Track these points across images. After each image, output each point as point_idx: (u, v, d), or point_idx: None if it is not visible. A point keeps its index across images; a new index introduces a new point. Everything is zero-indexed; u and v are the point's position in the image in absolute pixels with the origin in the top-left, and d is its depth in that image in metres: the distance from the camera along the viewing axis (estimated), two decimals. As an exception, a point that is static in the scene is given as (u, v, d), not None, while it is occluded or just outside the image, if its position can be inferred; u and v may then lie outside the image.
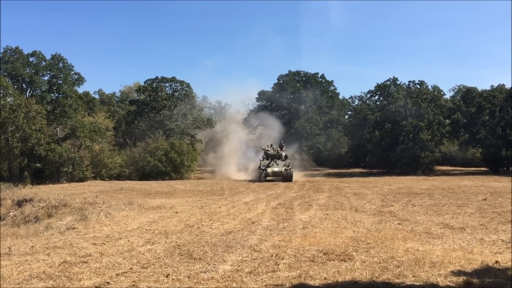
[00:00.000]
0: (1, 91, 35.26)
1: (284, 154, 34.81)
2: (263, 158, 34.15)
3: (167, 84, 56.34)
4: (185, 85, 56.56)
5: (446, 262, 8.27)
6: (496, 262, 8.31)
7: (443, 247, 9.75)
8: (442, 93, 47.77)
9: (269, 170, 32.33)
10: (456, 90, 63.64)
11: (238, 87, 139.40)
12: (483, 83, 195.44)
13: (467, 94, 47.87)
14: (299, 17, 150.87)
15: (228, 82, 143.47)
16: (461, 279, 7.27)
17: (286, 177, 31.98)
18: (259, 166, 33.11)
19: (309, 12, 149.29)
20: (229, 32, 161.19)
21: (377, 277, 7.47)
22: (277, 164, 32.94)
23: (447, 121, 46.09)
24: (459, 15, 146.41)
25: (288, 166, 32.86)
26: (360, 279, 7.39)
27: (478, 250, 9.48)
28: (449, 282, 7.15)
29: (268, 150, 34.76)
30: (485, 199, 18.77)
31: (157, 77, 55.83)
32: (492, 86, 46.68)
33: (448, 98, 53.37)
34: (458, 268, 7.92)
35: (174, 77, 56.12)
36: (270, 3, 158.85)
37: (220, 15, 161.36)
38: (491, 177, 34.06)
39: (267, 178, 32.21)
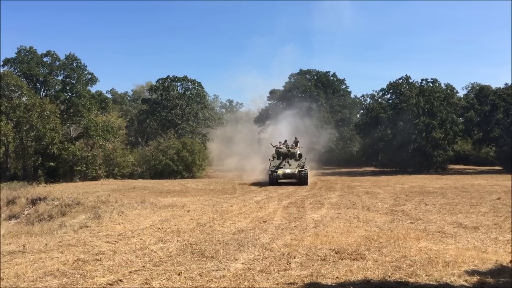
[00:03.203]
0: (16, 90, 35.71)
1: (298, 152, 29.94)
2: (274, 157, 29.50)
3: (179, 83, 56.74)
4: (196, 84, 56.91)
5: (460, 262, 8.19)
6: (511, 261, 8.21)
7: (456, 246, 9.66)
8: (455, 91, 47.35)
9: (280, 172, 27.78)
10: (469, 88, 62.96)
11: (249, 86, 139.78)
12: (497, 81, 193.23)
13: (480, 92, 47.34)
14: (311, 16, 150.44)
15: (239, 81, 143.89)
16: (475, 278, 7.20)
17: (300, 180, 27.64)
18: (269, 168, 28.67)
19: (320, 11, 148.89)
20: (240, 31, 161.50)
21: (389, 276, 7.42)
22: (290, 165, 28.39)
23: (461, 119, 45.67)
24: (471, 12, 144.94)
25: (302, 167, 28.13)
26: (372, 278, 7.35)
27: (492, 249, 9.38)
28: (463, 281, 7.08)
29: (280, 148, 29.97)
30: (499, 198, 18.56)
31: (168, 76, 56.29)
32: (507, 84, 46.16)
33: (462, 96, 52.90)
34: (472, 267, 7.84)
35: (185, 76, 56.56)
36: (281, 3, 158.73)
37: (231, 14, 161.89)
38: (505, 176, 33.61)
39: (279, 181, 27.76)
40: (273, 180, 27.59)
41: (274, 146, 30.54)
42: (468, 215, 14.27)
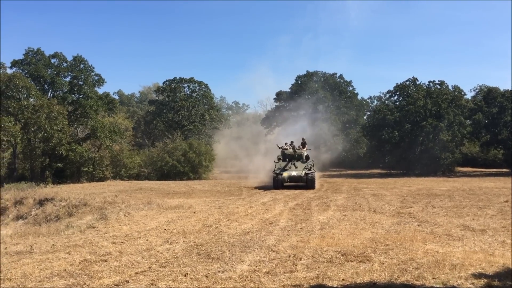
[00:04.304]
0: (24, 92, 35.96)
1: (305, 154, 28.65)
2: (279, 159, 28.42)
3: (186, 85, 56.90)
4: (203, 86, 57.06)
5: (467, 265, 8.15)
6: (519, 265, 8.15)
7: (463, 249, 9.61)
8: (462, 93, 47.10)
9: (285, 174, 26.38)
10: (477, 90, 62.60)
11: (255, 87, 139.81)
12: (505, 83, 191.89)
13: (488, 94, 47.10)
14: (317, 17, 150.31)
15: (246, 83, 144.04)
16: (482, 281, 7.15)
17: (307, 183, 26.11)
18: (274, 170, 27.26)
19: (327, 12, 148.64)
20: (247, 33, 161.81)
21: (396, 279, 7.39)
22: (296, 167, 26.97)
23: (468, 121, 45.43)
24: (479, 14, 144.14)
25: (309, 170, 26.57)
26: (378, 280, 7.32)
27: (499, 252, 9.31)
28: (470, 284, 7.04)
29: (286, 149, 28.75)
30: (507, 201, 18.42)
31: (175, 77, 56.43)
32: (514, 86, 45.87)
33: (469, 98, 52.62)
34: (479, 270, 7.79)
35: (192, 78, 56.66)
36: (288, 3, 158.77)
37: (238, 15, 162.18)
38: (514, 179, 33.40)
39: (284, 184, 26.75)
40: (278, 183, 26.31)
41: (280, 148, 29.38)
42: (476, 217, 14.19)
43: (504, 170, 44.97)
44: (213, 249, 9.81)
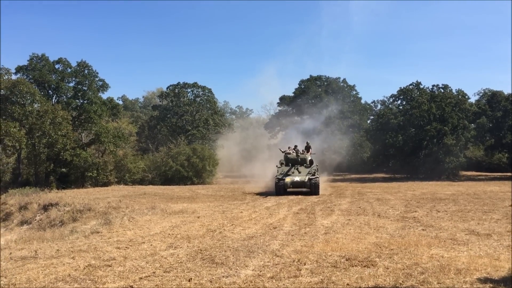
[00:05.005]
0: (29, 97, 36.11)
1: (309, 158, 27.54)
2: (282, 163, 27.24)
3: (189, 90, 57.13)
4: (206, 91, 57.26)
5: (472, 269, 8.10)
6: (524, 269, 8.10)
7: (468, 253, 9.56)
8: (466, 97, 47.01)
9: (288, 180, 25.25)
10: (481, 94, 62.46)
11: (259, 92, 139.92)
12: (509, 87, 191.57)
13: (492, 98, 46.99)
14: (320, 21, 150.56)
15: (249, 88, 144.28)
16: (487, 286, 7.11)
17: (310, 189, 25.24)
18: (276, 175, 26.28)
19: (330, 16, 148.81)
20: (251, 38, 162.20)
21: (401, 284, 7.36)
22: (299, 172, 25.91)
23: (472, 125, 45.32)
24: (483, 18, 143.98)
25: (313, 175, 25.58)
26: (383, 285, 7.29)
27: (505, 257, 9.25)
28: (475, 289, 7.00)
29: (289, 153, 27.69)
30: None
31: (179, 82, 56.73)
32: (519, 89, 45.80)
33: (473, 102, 52.53)
34: (485, 275, 7.74)
35: (196, 83, 56.91)
36: (291, 7, 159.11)
37: (241, 20, 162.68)
38: (519, 183, 33.25)
39: (287, 190, 25.70)
40: (280, 188, 25.35)
41: (283, 152, 28.45)
42: (481, 222, 14.12)
43: (508, 174, 44.73)
44: (217, 254, 9.80)
